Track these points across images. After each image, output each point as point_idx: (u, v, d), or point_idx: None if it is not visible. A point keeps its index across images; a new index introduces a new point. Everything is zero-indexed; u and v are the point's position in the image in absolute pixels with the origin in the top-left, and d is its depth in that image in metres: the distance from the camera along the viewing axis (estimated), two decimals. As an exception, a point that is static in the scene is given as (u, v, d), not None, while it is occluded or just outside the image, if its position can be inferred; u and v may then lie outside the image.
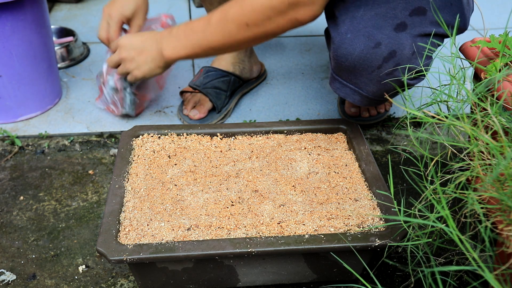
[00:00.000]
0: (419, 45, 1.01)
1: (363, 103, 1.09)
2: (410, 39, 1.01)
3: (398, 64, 1.01)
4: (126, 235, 0.88)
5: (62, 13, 1.98)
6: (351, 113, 1.37)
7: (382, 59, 1.00)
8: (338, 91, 1.10)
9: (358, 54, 1.01)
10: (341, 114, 1.40)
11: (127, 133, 1.12)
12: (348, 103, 1.39)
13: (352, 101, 1.10)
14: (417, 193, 0.88)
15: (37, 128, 1.37)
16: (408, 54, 1.01)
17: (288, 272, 0.93)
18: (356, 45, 1.00)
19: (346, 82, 1.07)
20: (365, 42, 1.00)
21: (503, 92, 0.83)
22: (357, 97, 1.08)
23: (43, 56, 1.36)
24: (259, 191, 0.98)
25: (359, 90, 1.07)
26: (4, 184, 1.19)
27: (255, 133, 1.14)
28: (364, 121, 1.37)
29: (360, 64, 1.01)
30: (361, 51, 1.00)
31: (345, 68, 1.04)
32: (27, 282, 0.97)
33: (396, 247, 1.01)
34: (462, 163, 0.77)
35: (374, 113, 1.37)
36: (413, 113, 0.75)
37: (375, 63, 1.01)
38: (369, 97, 1.07)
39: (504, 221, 0.68)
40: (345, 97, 1.09)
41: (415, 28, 1.01)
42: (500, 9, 2.01)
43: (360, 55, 1.00)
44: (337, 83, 1.09)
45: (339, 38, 1.02)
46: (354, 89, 1.07)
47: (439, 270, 0.65)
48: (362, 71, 1.03)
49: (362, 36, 1.00)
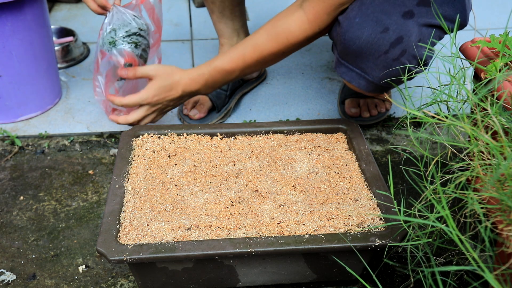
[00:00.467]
0: (424, 36, 1.03)
1: (368, 88, 1.09)
2: (416, 27, 1.02)
3: (405, 51, 1.02)
4: (126, 235, 0.88)
5: (62, 13, 1.98)
6: (352, 114, 1.37)
7: (389, 44, 1.02)
8: (344, 75, 1.10)
9: (366, 38, 1.02)
10: (341, 114, 1.40)
11: (127, 133, 1.12)
12: (348, 103, 1.39)
13: (357, 85, 1.10)
14: (417, 193, 0.88)
15: (37, 128, 1.37)
16: (414, 41, 1.03)
17: (288, 272, 0.93)
18: (364, 29, 1.02)
19: (353, 66, 1.08)
20: (373, 26, 1.01)
21: (503, 92, 0.83)
22: (363, 82, 1.08)
23: (43, 56, 1.36)
24: (259, 191, 0.98)
25: (365, 75, 1.07)
26: (4, 184, 1.19)
27: (255, 133, 1.14)
28: (364, 121, 1.37)
29: (367, 48, 1.03)
30: (369, 35, 1.01)
31: (352, 52, 1.05)
32: (27, 282, 0.97)
33: (396, 247, 1.01)
34: (462, 163, 0.77)
35: (375, 113, 1.37)
36: (413, 113, 0.75)
37: (382, 48, 1.02)
38: (374, 82, 1.07)
39: (504, 221, 0.68)
40: (350, 81, 1.09)
41: (422, 18, 1.03)
42: (500, 9, 2.01)
43: (368, 39, 1.02)
44: (343, 67, 1.10)
45: (347, 23, 1.04)
46: (360, 73, 1.08)
47: (439, 270, 0.65)
48: (369, 55, 1.04)
49: (371, 21, 1.01)
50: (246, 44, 1.15)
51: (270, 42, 1.13)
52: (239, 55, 1.15)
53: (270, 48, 1.13)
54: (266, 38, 1.13)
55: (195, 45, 1.77)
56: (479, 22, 1.95)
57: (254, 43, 1.14)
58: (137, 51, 1.24)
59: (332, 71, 1.63)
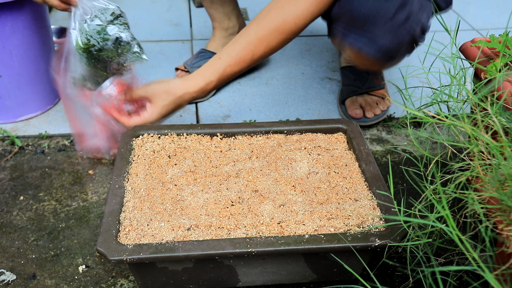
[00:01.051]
0: (423, 5, 1.08)
1: (379, 54, 1.08)
2: None
3: (409, 16, 1.05)
4: (126, 235, 0.88)
5: (62, 13, 1.98)
6: (356, 116, 1.37)
7: (394, 10, 1.04)
8: (354, 42, 1.09)
9: (371, 5, 1.04)
10: (343, 116, 1.40)
11: (127, 133, 1.12)
12: (350, 105, 1.39)
13: (368, 51, 1.08)
14: (417, 193, 0.88)
15: (37, 128, 1.37)
16: (416, 7, 1.06)
17: (288, 272, 0.93)
18: None
19: (361, 32, 1.08)
20: None
21: (503, 92, 0.83)
22: (374, 46, 1.07)
23: (43, 56, 1.36)
24: (259, 191, 0.98)
25: (374, 40, 1.07)
26: (4, 184, 1.19)
27: (255, 133, 1.14)
28: (367, 122, 1.37)
29: (374, 15, 1.04)
30: (374, 2, 1.04)
31: (359, 20, 1.06)
32: (27, 282, 0.97)
33: (396, 247, 1.01)
34: (462, 163, 0.77)
35: (379, 112, 1.37)
36: (413, 113, 0.75)
37: (388, 14, 1.04)
38: (384, 47, 1.07)
39: (504, 221, 0.68)
40: (361, 48, 1.08)
41: None
42: (500, 9, 2.02)
43: (373, 6, 1.04)
44: (351, 35, 1.09)
45: None
46: (370, 38, 1.08)
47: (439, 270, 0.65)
48: (376, 22, 1.05)
49: None
50: (251, 38, 1.12)
51: (276, 32, 1.11)
52: (247, 52, 1.13)
53: (277, 37, 1.12)
54: (272, 28, 1.11)
55: (195, 45, 1.78)
56: (479, 22, 1.95)
57: (261, 35, 1.12)
58: (129, 34, 1.14)
59: (332, 71, 1.63)
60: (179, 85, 1.14)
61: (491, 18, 1.96)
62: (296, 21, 1.11)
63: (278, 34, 1.12)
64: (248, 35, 1.13)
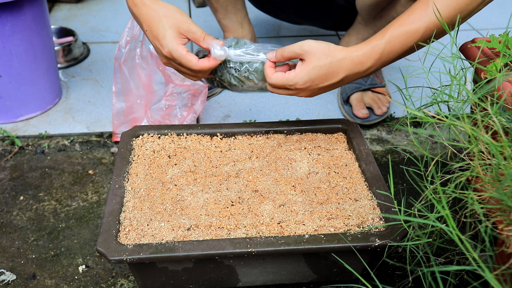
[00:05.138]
0: None
1: None
2: None
3: None
4: (126, 235, 0.88)
5: (62, 13, 1.98)
6: (363, 115, 1.37)
7: None
8: None
9: None
10: (346, 116, 1.40)
11: (127, 133, 1.12)
12: (356, 104, 1.39)
13: None
14: (417, 193, 0.88)
15: (37, 128, 1.37)
16: None
17: (288, 272, 0.93)
18: None
19: None
20: None
21: (503, 92, 0.83)
22: None
23: (43, 56, 1.36)
24: (259, 191, 0.98)
25: None
26: (4, 184, 1.19)
27: (255, 133, 1.14)
28: (370, 121, 1.37)
29: None
30: None
31: None
32: (27, 282, 0.97)
33: (396, 247, 1.01)
34: (462, 163, 0.77)
35: (385, 110, 1.37)
36: (413, 113, 0.75)
37: None
38: None
39: (504, 221, 0.68)
40: None
41: None
42: (500, 9, 2.01)
43: None
44: None
45: None
46: None
47: (439, 270, 0.65)
48: None
49: None
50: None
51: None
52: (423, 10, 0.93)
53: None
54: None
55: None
56: (479, 22, 1.95)
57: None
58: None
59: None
60: (340, 48, 0.96)
61: (491, 18, 1.96)
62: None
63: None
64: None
